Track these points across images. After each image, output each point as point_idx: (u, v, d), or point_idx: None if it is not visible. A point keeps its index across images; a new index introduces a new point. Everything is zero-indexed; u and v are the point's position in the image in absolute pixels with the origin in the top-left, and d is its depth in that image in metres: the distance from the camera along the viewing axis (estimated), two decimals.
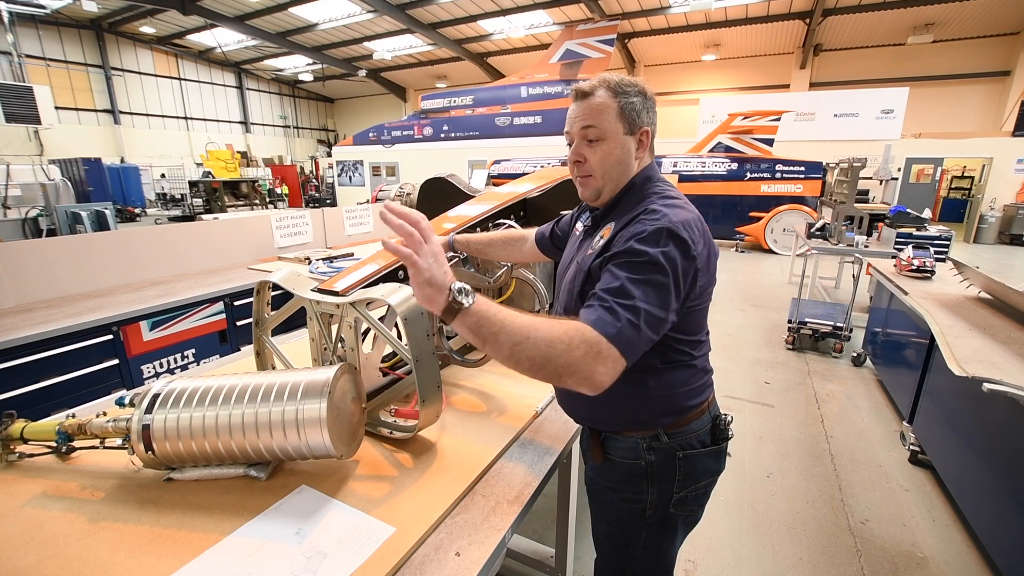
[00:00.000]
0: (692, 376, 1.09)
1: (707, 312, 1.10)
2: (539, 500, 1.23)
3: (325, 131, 27.91)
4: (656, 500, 1.13)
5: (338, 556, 0.93)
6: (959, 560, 2.12)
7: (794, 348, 4.52)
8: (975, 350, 2.10)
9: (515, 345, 0.85)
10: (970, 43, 14.42)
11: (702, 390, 1.12)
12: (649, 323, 0.88)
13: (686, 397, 1.09)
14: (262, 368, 1.55)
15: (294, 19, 16.31)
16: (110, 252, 3.23)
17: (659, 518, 1.14)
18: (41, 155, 16.16)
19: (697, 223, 0.99)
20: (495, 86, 15.26)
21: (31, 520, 1.03)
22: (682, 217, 0.97)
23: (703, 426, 1.13)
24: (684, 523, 1.19)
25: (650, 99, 1.10)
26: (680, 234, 0.93)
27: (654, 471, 1.11)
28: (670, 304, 0.91)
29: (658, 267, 0.91)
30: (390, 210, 0.89)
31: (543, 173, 2.45)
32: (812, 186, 9.18)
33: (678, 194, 1.07)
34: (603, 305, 0.88)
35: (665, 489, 1.12)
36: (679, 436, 1.10)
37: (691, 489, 1.14)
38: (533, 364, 0.85)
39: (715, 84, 17.81)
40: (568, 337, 0.84)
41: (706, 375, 1.14)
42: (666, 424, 1.10)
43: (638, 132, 1.08)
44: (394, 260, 1.51)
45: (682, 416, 1.10)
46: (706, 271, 0.99)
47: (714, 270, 1.04)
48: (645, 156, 1.12)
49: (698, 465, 1.13)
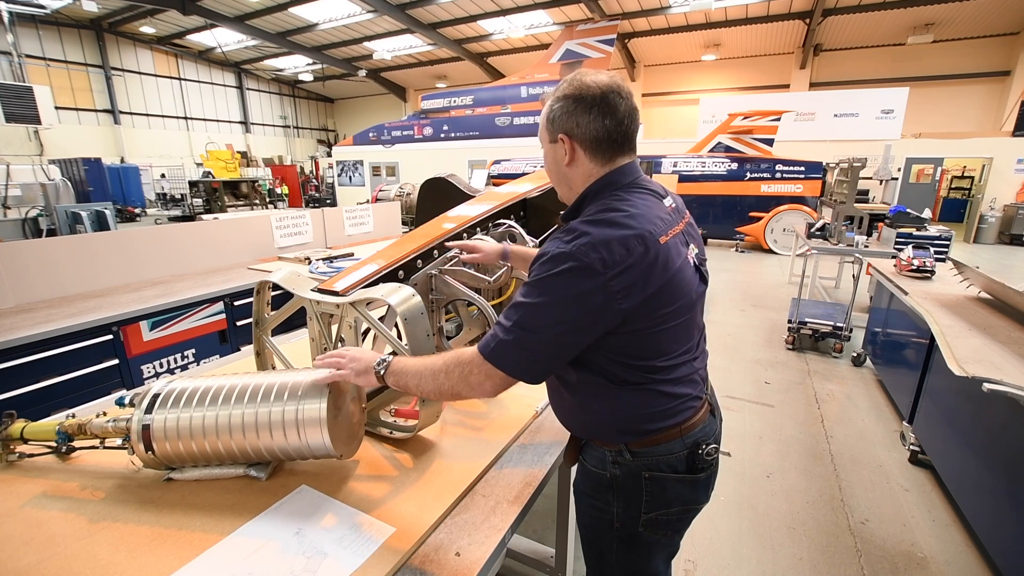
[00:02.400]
0: (651, 399, 1.02)
1: (676, 336, 1.01)
2: (539, 500, 1.23)
3: (325, 131, 27.92)
4: (623, 514, 1.09)
5: (338, 556, 0.93)
6: (959, 560, 2.12)
7: (794, 348, 4.52)
8: (975, 350, 2.10)
9: (418, 387, 1.04)
10: (970, 43, 14.42)
11: (669, 415, 1.03)
12: (522, 343, 0.93)
13: (645, 420, 1.03)
14: (262, 368, 1.55)
15: (294, 19, 16.31)
16: (110, 252, 3.23)
17: (628, 534, 1.10)
18: (41, 155, 16.16)
19: (624, 240, 0.90)
20: (495, 86, 15.25)
21: (31, 520, 1.03)
22: (598, 236, 0.90)
23: (674, 451, 1.05)
24: (657, 546, 1.13)
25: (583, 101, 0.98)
26: (581, 258, 0.88)
27: (619, 485, 1.08)
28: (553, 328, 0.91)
29: (537, 290, 0.92)
30: (320, 363, 1.14)
31: (543, 173, 2.45)
32: (812, 186, 9.18)
33: (621, 206, 0.96)
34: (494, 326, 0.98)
35: (632, 506, 1.08)
36: (644, 456, 1.05)
37: (661, 512, 1.08)
38: (434, 394, 1.04)
39: (715, 84, 17.81)
40: (445, 367, 1.00)
41: (675, 400, 1.03)
42: (627, 442, 1.05)
43: (556, 139, 1.03)
44: (394, 260, 1.51)
45: (643, 437, 1.04)
46: (632, 294, 0.90)
47: (666, 289, 0.94)
48: (583, 164, 1.03)
49: (667, 490, 1.06)
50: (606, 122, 0.98)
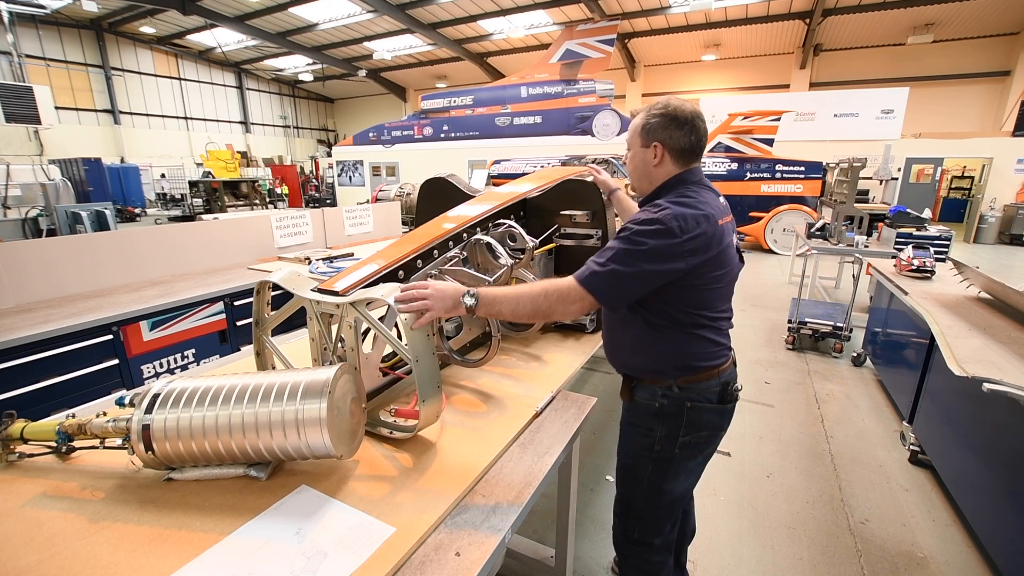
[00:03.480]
0: (702, 343, 1.34)
1: (720, 296, 1.34)
2: (539, 500, 1.23)
3: (325, 131, 27.90)
4: (664, 437, 1.40)
5: (338, 556, 0.93)
6: (959, 560, 2.12)
7: (794, 348, 4.52)
8: (975, 350, 2.10)
9: (513, 311, 1.26)
10: (970, 43, 14.41)
11: (712, 357, 1.36)
12: (614, 274, 1.21)
13: (696, 359, 1.35)
14: (262, 368, 1.55)
15: (294, 19, 16.31)
16: (110, 252, 3.23)
17: (666, 456, 1.41)
18: (41, 155, 16.15)
19: (696, 217, 1.23)
20: (495, 86, 15.24)
21: (31, 520, 1.03)
22: (677, 211, 1.22)
23: (712, 387, 1.37)
24: (685, 469, 1.44)
25: (678, 118, 1.30)
26: (666, 223, 1.20)
27: (665, 413, 1.38)
28: (639, 266, 1.20)
29: (631, 240, 1.21)
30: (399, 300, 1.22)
31: (543, 173, 2.45)
32: (812, 186, 9.17)
33: (694, 194, 1.30)
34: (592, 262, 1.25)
35: (672, 430, 1.39)
36: (689, 390, 1.36)
37: (694, 436, 1.39)
38: (529, 316, 1.29)
39: (715, 84, 17.80)
40: (544, 291, 1.25)
41: (716, 347, 1.36)
42: (678, 377, 1.36)
43: (651, 145, 1.34)
44: (394, 260, 1.51)
45: (693, 373, 1.35)
46: (697, 255, 1.22)
47: (718, 257, 1.27)
48: (666, 164, 1.34)
49: (703, 416, 1.38)
50: (692, 138, 1.32)
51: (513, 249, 1.94)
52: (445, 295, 1.22)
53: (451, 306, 1.22)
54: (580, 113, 13.40)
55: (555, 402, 1.61)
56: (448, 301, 1.21)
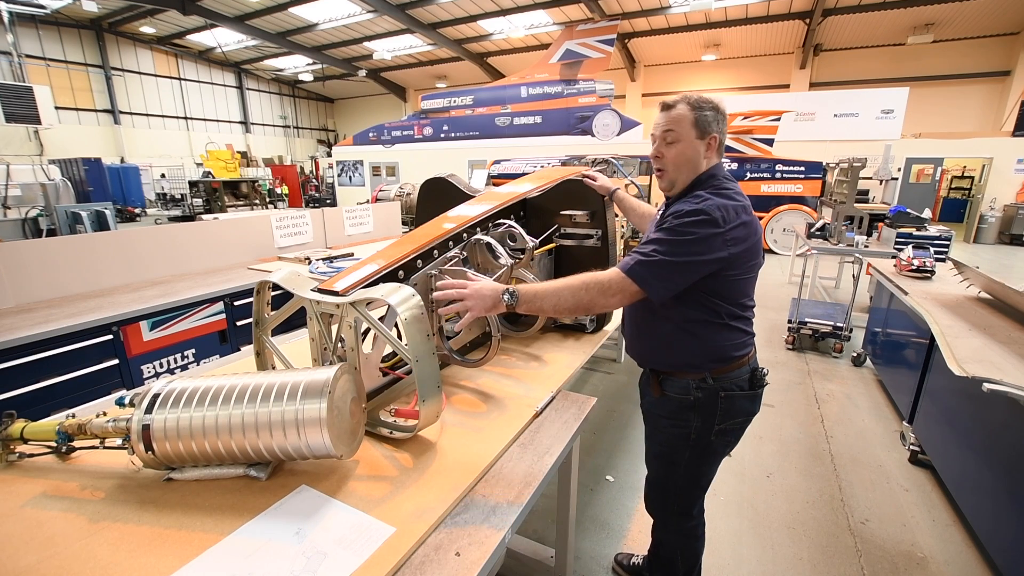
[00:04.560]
0: (734, 333, 1.40)
1: (752, 285, 1.42)
2: (539, 500, 1.23)
3: (325, 131, 27.90)
4: (700, 428, 1.46)
5: (338, 556, 0.93)
6: (959, 560, 2.12)
7: (794, 348, 4.52)
8: (975, 350, 2.10)
9: (555, 306, 1.30)
10: (970, 43, 14.41)
11: (744, 346, 1.43)
12: (662, 264, 1.25)
13: (730, 349, 1.41)
14: (262, 368, 1.55)
15: (294, 19, 16.30)
16: (110, 252, 3.23)
17: (702, 444, 1.48)
18: (41, 155, 16.15)
19: (736, 208, 1.30)
20: (495, 86, 15.23)
21: (31, 520, 1.03)
22: (719, 202, 1.28)
23: (743, 375, 1.44)
24: (720, 453, 1.53)
25: (721, 113, 1.38)
26: (710, 213, 1.25)
27: (701, 405, 1.43)
28: (687, 256, 1.25)
29: (677, 231, 1.26)
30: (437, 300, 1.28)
31: (543, 173, 2.45)
32: (812, 186, 9.17)
33: (731, 187, 1.37)
34: (636, 253, 1.30)
35: (708, 420, 1.44)
36: (722, 380, 1.42)
37: (729, 423, 1.46)
38: (570, 310, 1.31)
39: (715, 84, 17.79)
40: (584, 284, 1.28)
41: (747, 335, 1.44)
42: (712, 369, 1.41)
43: (707, 138, 1.37)
44: (394, 260, 1.51)
45: (726, 364, 1.41)
46: (738, 244, 1.28)
47: (755, 248, 1.35)
48: (713, 157, 1.40)
49: (736, 404, 1.44)
50: (727, 132, 1.43)
51: (513, 249, 1.93)
52: (484, 295, 1.23)
53: (490, 306, 1.23)
54: (580, 113, 13.39)
55: (555, 402, 1.61)
56: (488, 301, 1.23)
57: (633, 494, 2.53)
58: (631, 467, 2.76)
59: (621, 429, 3.17)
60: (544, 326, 2.17)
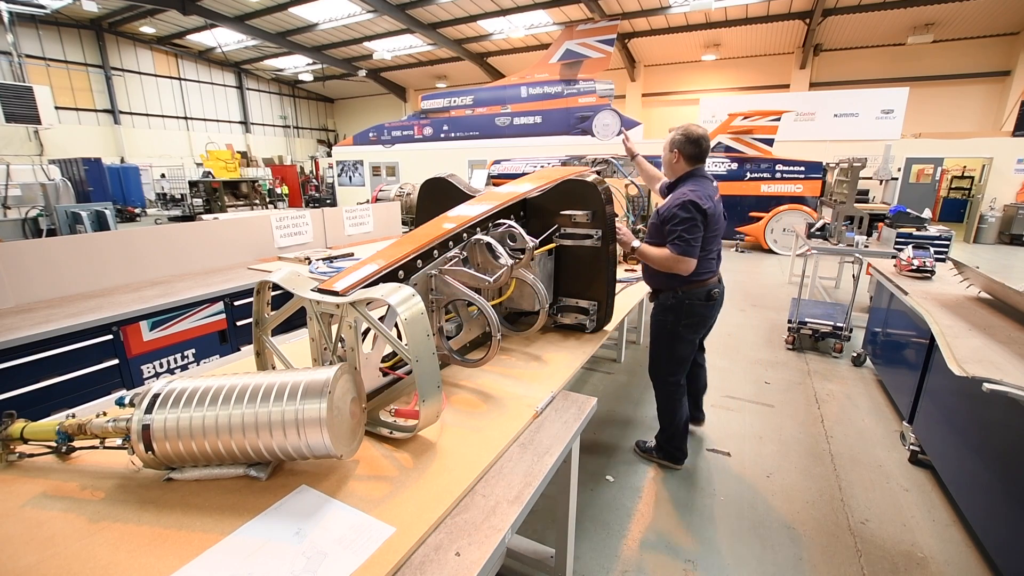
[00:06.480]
0: (701, 265, 2.35)
1: (713, 243, 2.42)
2: (539, 500, 1.23)
3: (325, 131, 27.90)
4: (673, 321, 2.50)
5: (338, 556, 0.93)
6: (959, 560, 2.12)
7: (794, 348, 4.52)
8: (975, 350, 2.10)
9: (651, 261, 2.38)
10: (970, 43, 14.41)
11: (702, 275, 2.41)
12: (691, 241, 2.25)
13: (696, 275, 2.37)
14: (262, 368, 1.55)
15: (294, 19, 16.31)
16: (110, 252, 3.23)
17: (673, 332, 2.52)
18: (41, 155, 16.15)
19: (705, 196, 2.30)
20: (495, 86, 15.23)
21: (31, 520, 1.03)
22: (696, 194, 2.28)
23: (701, 292, 2.46)
24: (685, 340, 2.55)
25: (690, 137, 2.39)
26: (695, 201, 2.25)
27: (673, 307, 2.49)
28: (698, 232, 2.26)
29: (685, 221, 2.25)
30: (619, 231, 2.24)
31: (543, 173, 2.45)
32: (812, 186, 9.17)
33: (697, 186, 2.36)
34: (672, 242, 2.27)
35: (679, 317, 2.49)
36: (688, 294, 2.45)
37: (691, 320, 2.49)
38: (659, 267, 2.36)
39: (715, 84, 17.81)
40: (663, 255, 2.31)
41: (708, 269, 2.44)
42: (679, 287, 2.44)
43: (674, 152, 2.44)
44: (394, 260, 1.51)
45: (689, 284, 2.42)
46: (707, 217, 2.28)
47: (716, 219, 2.37)
48: (682, 164, 2.44)
49: (695, 308, 2.48)
50: (697, 149, 2.40)
51: (513, 249, 1.93)
52: (629, 238, 2.30)
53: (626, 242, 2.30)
54: (580, 113, 13.40)
55: (555, 402, 1.61)
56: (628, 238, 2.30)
57: (633, 494, 2.53)
58: (631, 467, 2.76)
59: (621, 429, 3.17)
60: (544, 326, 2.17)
